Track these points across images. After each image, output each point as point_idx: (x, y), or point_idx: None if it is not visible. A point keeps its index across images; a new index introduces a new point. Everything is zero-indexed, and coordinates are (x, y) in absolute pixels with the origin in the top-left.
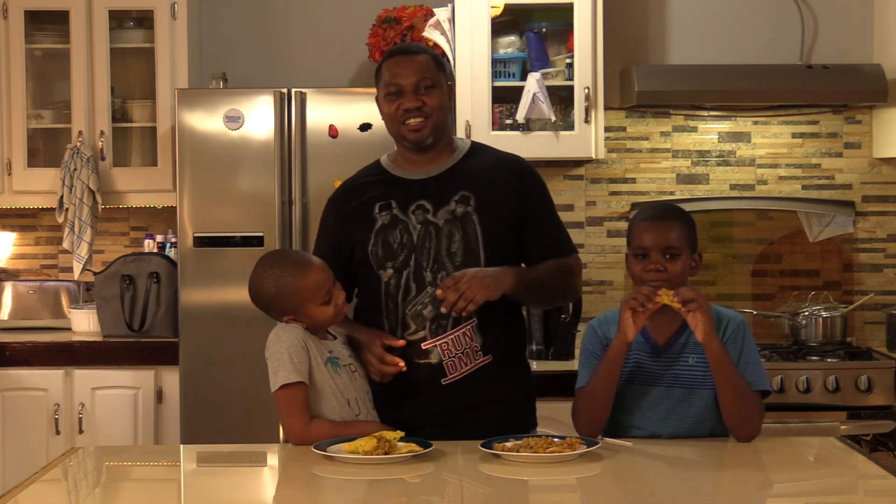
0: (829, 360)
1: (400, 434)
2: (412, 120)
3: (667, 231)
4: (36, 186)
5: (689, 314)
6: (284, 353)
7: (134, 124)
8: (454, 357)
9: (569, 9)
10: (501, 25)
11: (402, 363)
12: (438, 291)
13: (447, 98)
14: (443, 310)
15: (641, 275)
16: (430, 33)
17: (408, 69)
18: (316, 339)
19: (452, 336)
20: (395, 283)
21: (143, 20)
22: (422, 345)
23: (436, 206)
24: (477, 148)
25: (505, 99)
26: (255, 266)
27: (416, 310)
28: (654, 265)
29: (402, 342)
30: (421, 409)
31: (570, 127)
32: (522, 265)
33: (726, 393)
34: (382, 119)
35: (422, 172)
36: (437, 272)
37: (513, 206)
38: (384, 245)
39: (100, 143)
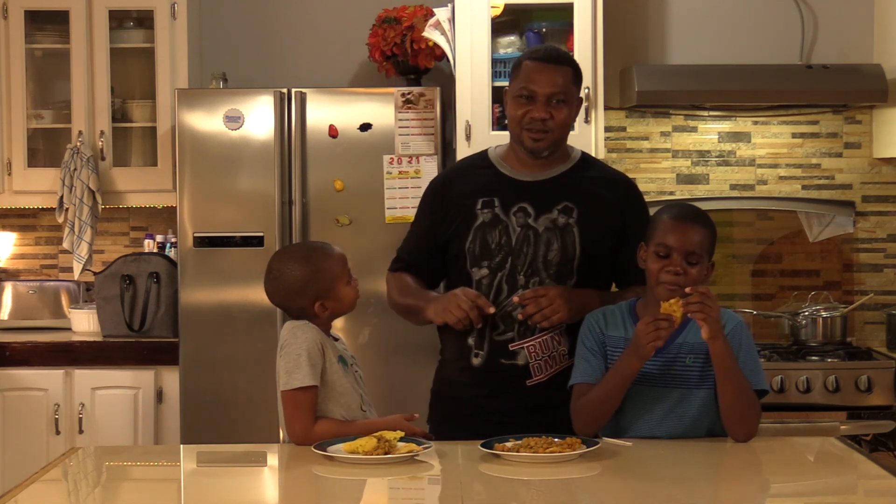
0: (829, 360)
1: (400, 434)
2: (535, 131)
3: (692, 235)
4: (36, 186)
5: (696, 312)
6: (303, 353)
7: (134, 124)
8: (540, 360)
9: (569, 9)
10: (501, 25)
11: (492, 308)
12: (515, 298)
13: (574, 114)
14: (518, 316)
15: (659, 274)
16: (430, 33)
17: (546, 78)
18: (329, 338)
19: (540, 339)
20: (488, 283)
21: (143, 20)
22: (509, 346)
23: (538, 212)
24: (587, 160)
25: None
26: (272, 263)
27: (507, 311)
28: (674, 267)
29: (492, 309)
30: (501, 409)
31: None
32: (613, 284)
33: (728, 393)
34: (505, 111)
35: (529, 175)
36: (531, 277)
37: (613, 223)
38: (482, 243)
39: (100, 143)
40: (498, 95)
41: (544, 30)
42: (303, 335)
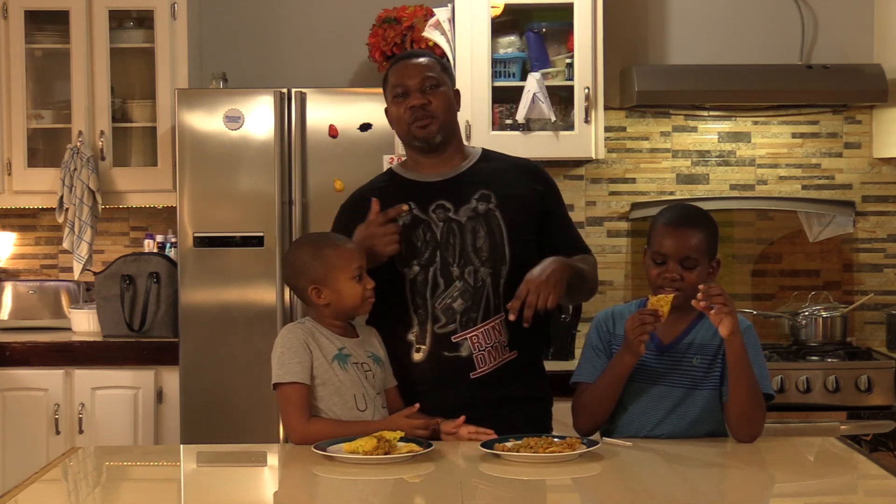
0: (829, 360)
1: (400, 434)
2: (420, 119)
3: (688, 239)
4: (36, 186)
5: (712, 312)
6: (286, 352)
7: (134, 124)
8: (483, 350)
9: (569, 9)
10: (501, 25)
11: (404, 206)
12: (511, 306)
13: (453, 100)
14: (525, 324)
15: (657, 280)
16: (430, 33)
17: (412, 70)
18: (328, 333)
19: (483, 329)
20: (423, 279)
21: (143, 20)
22: (452, 338)
23: (456, 205)
24: (489, 153)
25: (505, 99)
26: (293, 243)
27: (446, 303)
28: (670, 274)
29: (404, 206)
30: (447, 403)
31: (570, 127)
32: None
33: (740, 392)
34: (392, 126)
35: (437, 175)
36: (465, 267)
37: (533, 205)
38: (408, 244)
39: (100, 143)
40: (498, 95)
41: (544, 30)
42: (288, 335)
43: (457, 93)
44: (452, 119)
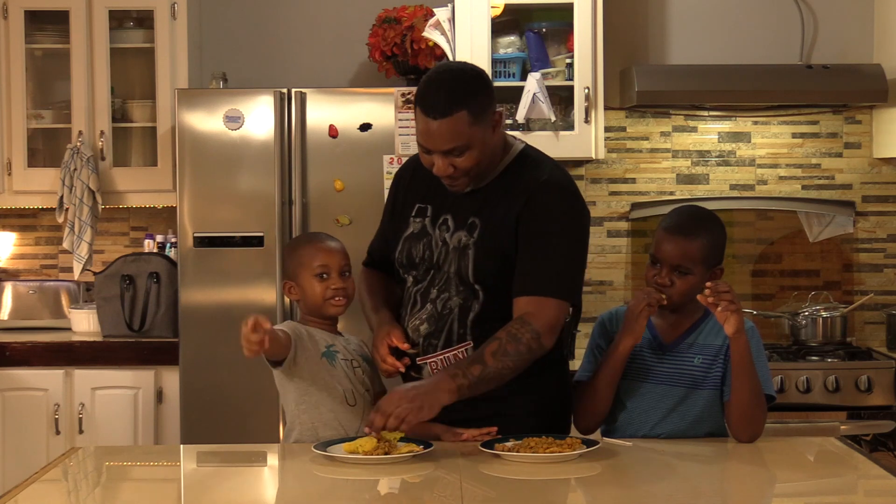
0: (829, 360)
1: (400, 434)
2: (446, 181)
3: (684, 247)
4: (36, 186)
5: (718, 309)
6: (280, 324)
7: (134, 124)
8: None
9: (569, 9)
10: (501, 25)
11: (401, 367)
12: (367, 426)
13: (488, 140)
14: (366, 430)
15: (649, 281)
16: (430, 33)
17: (438, 138)
18: (317, 331)
19: (443, 356)
20: (410, 292)
21: (143, 20)
22: (417, 359)
23: (455, 226)
24: (522, 160)
25: (505, 99)
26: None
27: (415, 325)
28: (661, 279)
29: (407, 346)
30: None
31: (570, 127)
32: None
33: (743, 392)
34: None
35: None
36: (442, 292)
37: (506, 244)
38: (408, 255)
39: (100, 143)
40: (498, 95)
41: (544, 30)
42: (287, 321)
43: (499, 115)
44: (484, 163)
